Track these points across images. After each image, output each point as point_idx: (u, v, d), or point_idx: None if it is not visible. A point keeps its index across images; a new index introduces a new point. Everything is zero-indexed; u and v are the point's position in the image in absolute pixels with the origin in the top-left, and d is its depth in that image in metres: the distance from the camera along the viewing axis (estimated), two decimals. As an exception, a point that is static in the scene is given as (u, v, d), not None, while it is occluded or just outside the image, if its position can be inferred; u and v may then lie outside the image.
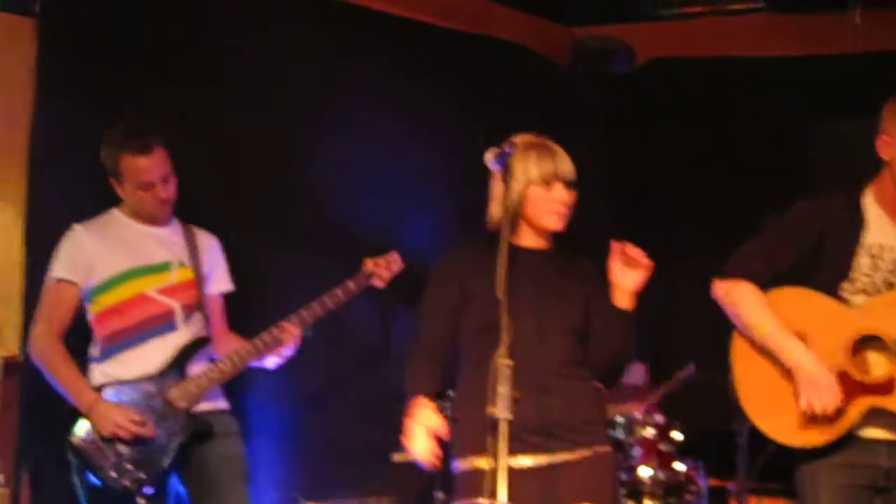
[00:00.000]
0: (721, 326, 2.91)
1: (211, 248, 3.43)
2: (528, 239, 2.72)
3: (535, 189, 2.66)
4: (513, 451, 2.44)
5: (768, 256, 2.81)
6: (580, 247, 2.76)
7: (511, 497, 2.33)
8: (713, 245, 4.28)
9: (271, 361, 3.32)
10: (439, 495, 3.58)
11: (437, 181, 4.36)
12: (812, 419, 2.67)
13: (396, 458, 3.60)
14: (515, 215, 2.61)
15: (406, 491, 3.80)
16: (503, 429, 2.21)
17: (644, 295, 4.83)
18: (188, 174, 3.43)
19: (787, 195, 2.91)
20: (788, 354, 2.71)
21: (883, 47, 4.57)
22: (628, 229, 5.06)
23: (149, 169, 3.20)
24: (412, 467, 2.78)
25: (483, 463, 2.43)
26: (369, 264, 3.51)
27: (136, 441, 3.12)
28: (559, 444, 2.53)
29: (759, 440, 2.87)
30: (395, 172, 4.29)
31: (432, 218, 4.26)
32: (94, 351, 3.28)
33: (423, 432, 2.54)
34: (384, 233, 4.00)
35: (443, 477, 3.19)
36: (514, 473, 2.41)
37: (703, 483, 4.01)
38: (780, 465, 2.90)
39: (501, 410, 2.20)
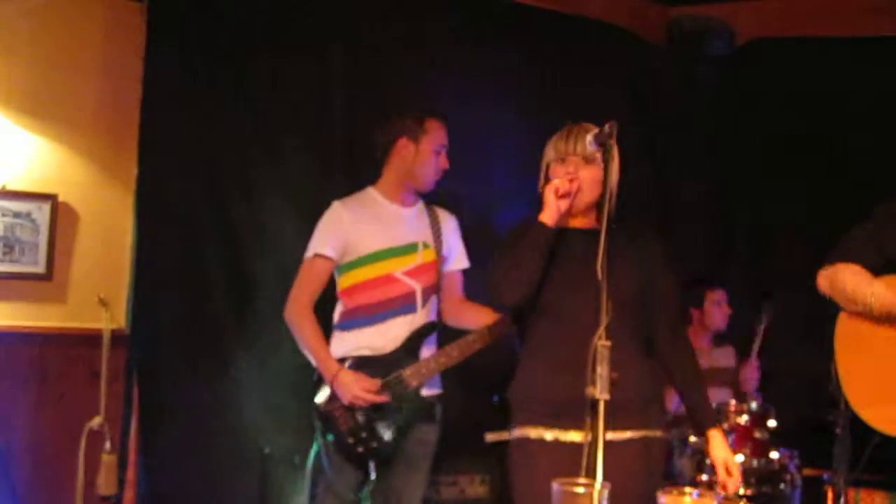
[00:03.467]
0: (817, 316, 2.85)
1: (452, 228, 3.57)
2: (579, 220, 2.78)
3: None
4: (562, 425, 2.59)
5: (876, 243, 2.73)
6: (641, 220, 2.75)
7: (558, 472, 2.36)
8: (813, 230, 4.21)
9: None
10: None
11: (529, 164, 4.35)
12: None
13: (490, 437, 3.63)
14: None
15: (499, 471, 3.83)
16: (602, 409, 2.22)
17: (736, 275, 4.83)
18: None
19: (892, 181, 2.82)
20: None
21: None
22: (726, 213, 5.06)
23: (445, 136, 3.45)
24: (506, 447, 2.82)
25: (532, 432, 2.63)
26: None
27: (371, 411, 3.29)
28: (612, 422, 2.38)
29: (857, 430, 2.81)
30: (485, 154, 4.29)
31: (524, 201, 4.25)
32: (339, 318, 3.45)
33: None
34: (480, 216, 4.03)
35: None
36: (562, 447, 2.56)
37: (798, 473, 3.94)
38: (879, 456, 2.84)
39: (601, 391, 2.22)
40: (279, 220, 3.78)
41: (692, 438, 3.86)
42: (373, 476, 3.25)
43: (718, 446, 2.71)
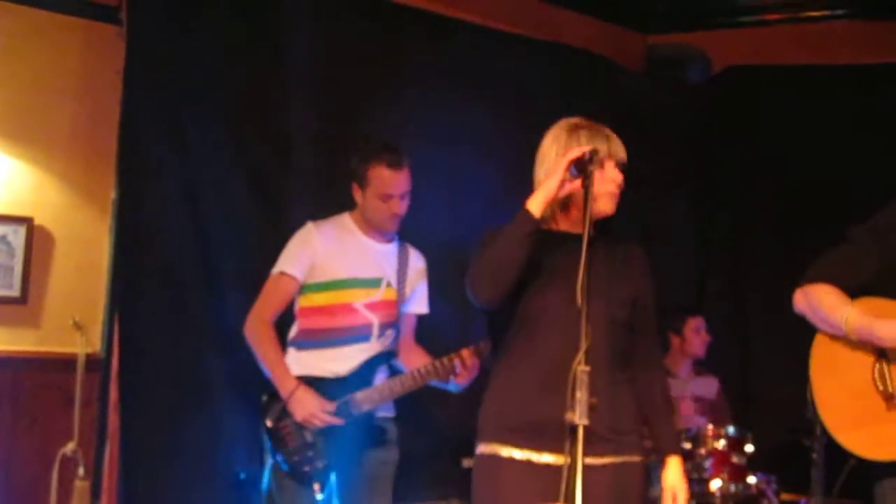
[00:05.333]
0: (795, 340, 2.86)
1: (418, 270, 3.56)
2: (574, 225, 2.60)
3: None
4: (536, 446, 2.47)
5: (852, 265, 2.74)
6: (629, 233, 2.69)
7: (526, 494, 2.38)
8: (789, 257, 4.25)
9: (454, 386, 3.40)
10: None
11: (505, 190, 4.36)
12: None
13: (466, 463, 3.62)
14: (566, 203, 2.57)
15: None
16: (580, 435, 2.20)
17: (717, 306, 4.85)
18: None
19: (868, 204, 2.85)
20: (883, 332, 2.60)
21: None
22: (702, 238, 5.09)
23: (394, 183, 3.36)
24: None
25: (502, 451, 2.50)
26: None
27: (321, 432, 3.28)
28: (588, 447, 2.31)
29: (834, 454, 2.82)
30: (462, 181, 4.30)
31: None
32: (293, 335, 3.45)
33: None
34: (455, 245, 4.03)
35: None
36: (537, 469, 2.45)
37: (775, 497, 3.95)
38: (858, 480, 2.84)
39: (580, 416, 2.20)
40: (260, 242, 3.76)
41: None
42: (319, 497, 3.22)
43: (673, 473, 2.66)
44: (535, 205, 2.47)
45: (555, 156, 2.57)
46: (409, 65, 4.29)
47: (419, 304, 3.57)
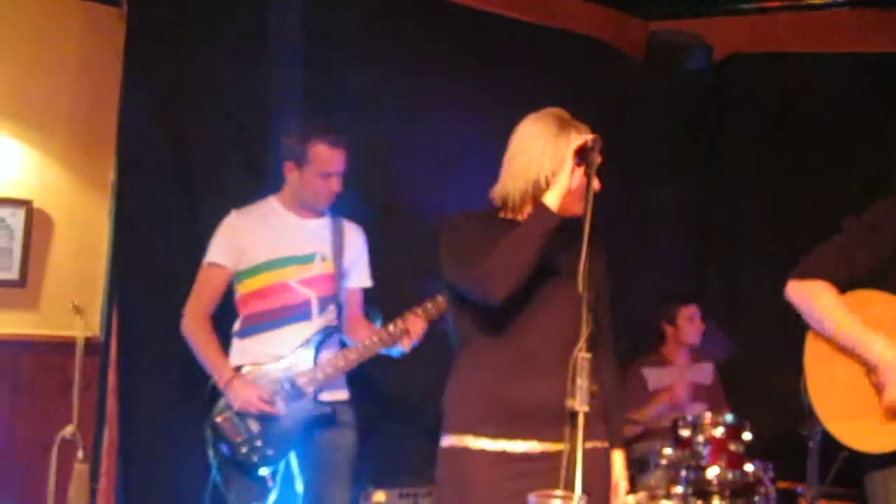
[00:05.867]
0: (792, 328, 2.87)
1: (356, 243, 3.54)
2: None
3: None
4: (510, 434, 2.42)
5: (846, 258, 2.74)
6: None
7: (500, 486, 2.36)
8: (787, 245, 4.25)
9: (397, 351, 3.42)
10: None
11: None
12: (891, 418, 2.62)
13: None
14: (537, 191, 2.47)
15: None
16: (581, 421, 2.19)
17: (713, 294, 4.85)
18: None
19: (866, 195, 2.84)
20: (871, 349, 2.64)
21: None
22: (699, 225, 5.09)
23: (334, 161, 3.37)
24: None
25: (472, 442, 2.42)
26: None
27: (266, 419, 3.27)
28: (563, 433, 2.33)
29: (830, 443, 2.83)
30: (460, 165, 4.29)
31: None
32: (236, 327, 3.44)
33: None
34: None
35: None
36: (512, 459, 2.40)
37: (772, 485, 3.96)
38: (851, 470, 2.86)
39: (580, 403, 2.20)
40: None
41: (667, 451, 3.87)
42: (271, 485, 3.22)
43: (617, 466, 2.63)
44: (553, 200, 2.41)
45: (546, 146, 2.49)
46: (404, 48, 4.27)
47: (360, 277, 3.54)
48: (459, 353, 2.57)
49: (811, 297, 2.74)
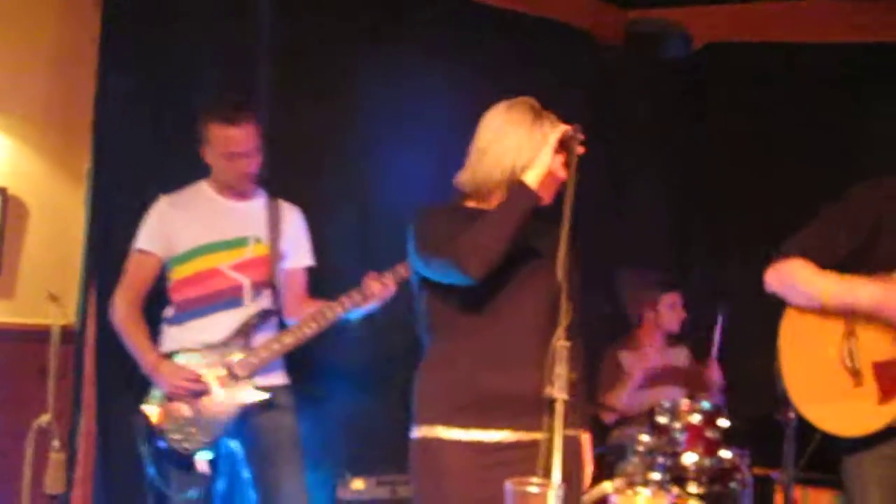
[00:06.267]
0: (768, 312, 2.88)
1: (294, 223, 3.49)
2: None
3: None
4: (488, 424, 2.40)
5: (825, 242, 2.76)
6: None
7: (472, 476, 2.36)
8: (765, 231, 4.27)
9: (357, 314, 3.36)
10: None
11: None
12: (878, 396, 2.63)
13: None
14: (511, 180, 2.44)
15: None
16: (559, 409, 2.18)
17: (692, 278, 4.87)
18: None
19: (843, 183, 2.86)
20: (864, 295, 2.64)
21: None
22: (680, 215, 5.11)
23: (234, 140, 3.29)
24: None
25: (445, 433, 2.40)
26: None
27: (198, 406, 3.24)
28: (535, 421, 2.32)
29: (806, 429, 2.85)
30: (439, 153, 4.28)
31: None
32: (168, 314, 3.40)
33: None
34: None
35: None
36: (486, 449, 2.39)
37: (748, 471, 3.98)
38: (827, 455, 2.88)
39: (559, 391, 2.20)
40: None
41: (643, 438, 3.89)
42: (208, 472, 3.18)
43: (586, 450, 2.65)
44: (533, 179, 2.41)
45: (521, 134, 2.47)
46: (381, 35, 4.25)
47: (301, 257, 3.50)
48: (429, 342, 2.55)
49: (791, 271, 2.74)
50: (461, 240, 2.37)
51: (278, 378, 3.40)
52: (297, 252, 3.49)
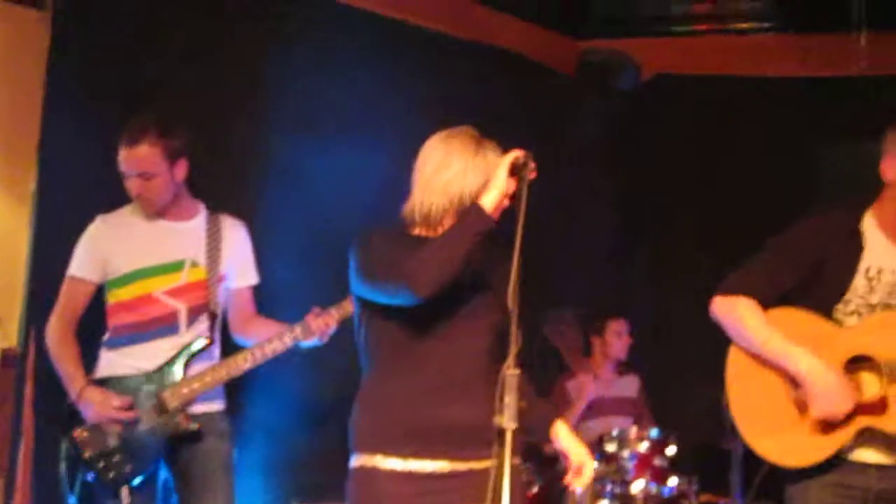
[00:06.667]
0: (715, 342, 2.91)
1: (236, 241, 3.39)
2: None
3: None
4: (423, 455, 2.37)
5: (770, 275, 2.80)
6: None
7: (423, 497, 2.33)
8: (711, 261, 4.33)
9: (307, 344, 3.29)
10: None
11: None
12: (823, 427, 2.67)
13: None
14: (459, 207, 2.42)
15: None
16: (509, 439, 2.18)
17: (639, 310, 4.92)
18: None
19: (789, 215, 2.91)
20: (797, 365, 2.68)
21: (888, 71, 4.60)
22: (626, 243, 5.16)
23: (126, 160, 3.21)
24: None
25: (382, 462, 2.38)
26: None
27: (125, 435, 3.16)
28: (472, 451, 2.36)
29: (753, 457, 2.88)
30: (391, 181, 4.27)
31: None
32: (105, 337, 3.33)
33: None
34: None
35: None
36: (420, 480, 2.36)
37: (696, 498, 4.01)
38: (773, 483, 2.91)
39: (508, 421, 2.18)
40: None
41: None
42: (126, 502, 3.10)
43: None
44: (490, 203, 2.37)
45: (467, 162, 2.46)
46: (340, 65, 4.26)
47: (245, 275, 3.41)
48: (369, 369, 2.52)
49: (737, 313, 2.78)
50: (412, 258, 2.34)
51: (215, 404, 3.33)
52: (241, 271, 3.41)
